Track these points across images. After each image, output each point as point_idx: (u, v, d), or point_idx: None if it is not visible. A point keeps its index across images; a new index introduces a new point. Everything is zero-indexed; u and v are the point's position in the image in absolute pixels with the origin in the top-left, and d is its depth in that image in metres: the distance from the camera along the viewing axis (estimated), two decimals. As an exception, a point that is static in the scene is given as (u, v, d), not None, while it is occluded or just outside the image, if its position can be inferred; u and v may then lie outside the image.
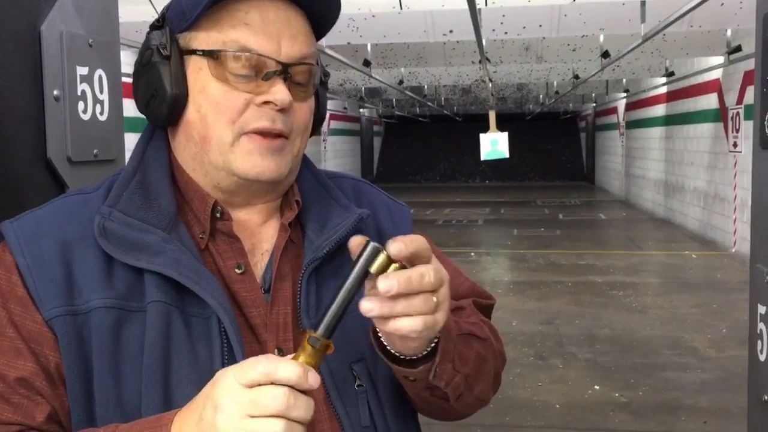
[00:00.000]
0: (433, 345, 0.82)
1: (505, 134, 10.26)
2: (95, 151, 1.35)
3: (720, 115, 10.60)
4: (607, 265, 9.19)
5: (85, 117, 1.33)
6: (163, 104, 0.86)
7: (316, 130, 0.97)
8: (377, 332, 0.82)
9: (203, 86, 0.85)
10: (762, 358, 1.25)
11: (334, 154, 20.20)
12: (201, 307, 0.82)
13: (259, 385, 0.69)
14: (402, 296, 0.72)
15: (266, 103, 0.84)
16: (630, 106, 17.74)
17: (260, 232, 0.92)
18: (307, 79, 0.88)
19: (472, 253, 10.30)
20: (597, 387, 4.81)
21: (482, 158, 10.34)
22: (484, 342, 0.92)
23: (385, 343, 0.82)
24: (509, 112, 23.09)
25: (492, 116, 10.20)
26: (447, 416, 0.96)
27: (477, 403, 0.94)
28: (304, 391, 0.70)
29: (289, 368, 0.69)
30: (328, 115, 19.04)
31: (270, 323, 0.87)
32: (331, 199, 0.95)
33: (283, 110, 0.85)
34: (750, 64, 8.51)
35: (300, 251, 0.91)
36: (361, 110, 22.78)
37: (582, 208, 16.89)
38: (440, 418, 0.97)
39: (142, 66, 0.88)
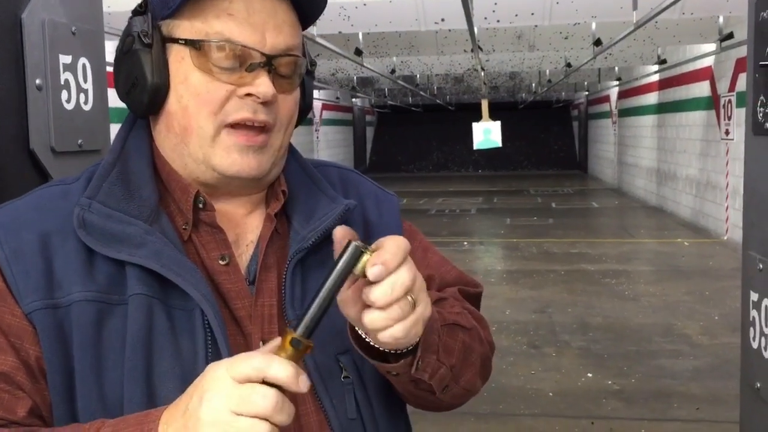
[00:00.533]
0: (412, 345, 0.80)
1: (498, 123, 10.26)
2: (80, 141, 1.33)
3: (712, 102, 10.62)
4: (600, 253, 9.21)
5: (69, 106, 1.31)
6: (143, 93, 0.84)
7: (301, 120, 0.95)
8: (355, 328, 0.81)
9: (185, 76, 0.84)
10: (754, 345, 1.25)
11: (327, 144, 20.14)
12: (184, 300, 0.81)
13: (250, 380, 0.67)
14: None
15: (249, 95, 0.83)
16: (622, 95, 17.75)
17: (245, 223, 0.91)
18: (292, 70, 0.86)
19: (465, 243, 10.30)
20: (590, 375, 4.82)
21: (475, 147, 10.34)
22: (469, 331, 0.91)
23: (366, 339, 0.81)
24: (502, 101, 23.08)
25: (485, 105, 10.19)
26: (435, 407, 0.95)
27: (465, 393, 0.93)
28: (286, 393, 0.69)
29: (282, 367, 0.68)
30: (320, 105, 18.99)
31: (255, 315, 0.86)
32: (317, 189, 0.94)
33: (266, 102, 0.84)
34: (742, 52, 8.50)
35: (285, 242, 0.90)
36: (353, 100, 22.71)
37: (575, 196, 16.91)
38: (429, 409, 0.96)
39: (123, 53, 0.86)
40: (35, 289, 0.80)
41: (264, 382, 0.68)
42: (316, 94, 18.20)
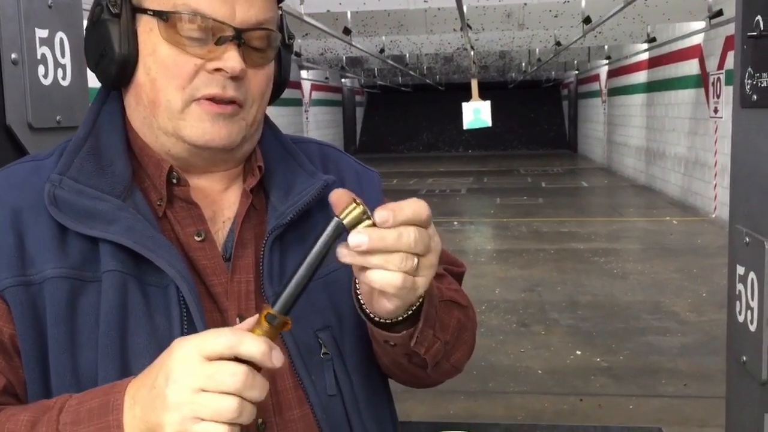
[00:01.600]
0: (413, 310, 0.79)
1: (488, 103, 10.22)
2: (58, 117, 1.30)
3: (701, 80, 10.61)
4: (589, 232, 9.24)
5: (46, 82, 1.28)
6: (111, 64, 0.83)
7: (278, 94, 0.94)
8: (358, 293, 0.79)
9: (153, 48, 0.82)
10: (740, 319, 1.25)
11: (317, 125, 20.05)
12: (159, 276, 0.80)
13: (221, 358, 0.66)
14: (378, 251, 0.69)
15: (218, 70, 0.81)
16: (612, 73, 17.72)
17: (221, 200, 0.89)
18: (264, 44, 0.84)
19: (456, 222, 10.31)
20: (579, 352, 4.85)
21: (465, 127, 10.30)
22: (464, 309, 0.91)
23: (363, 303, 0.79)
24: (492, 80, 23.00)
25: (474, 85, 10.14)
26: (419, 383, 0.94)
27: (452, 371, 0.92)
28: (260, 370, 0.67)
29: (255, 343, 0.66)
30: (309, 86, 18.87)
31: (231, 291, 0.85)
32: (296, 164, 0.92)
33: (235, 78, 0.82)
34: (731, 29, 8.49)
35: (263, 218, 0.89)
36: (342, 80, 22.59)
37: (564, 176, 16.94)
38: (412, 385, 0.95)
39: (92, 23, 0.84)
40: (7, 266, 0.78)
41: (237, 359, 0.66)
42: (304, 74, 18.09)
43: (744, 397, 1.25)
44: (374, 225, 0.69)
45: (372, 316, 0.79)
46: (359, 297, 0.80)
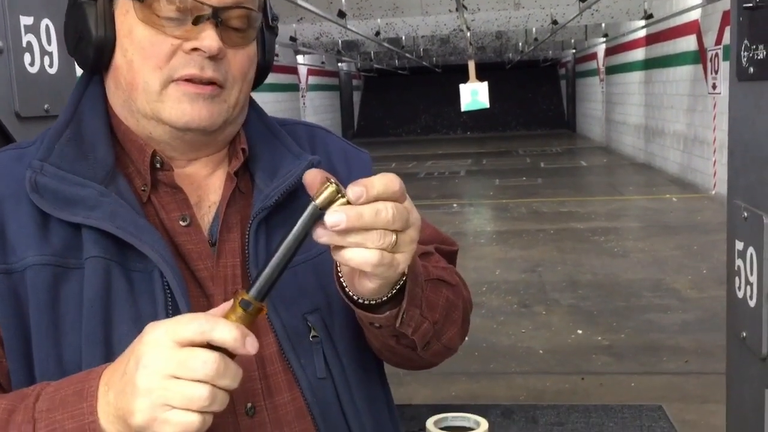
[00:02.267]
0: (396, 289, 0.78)
1: (485, 84, 10.17)
2: (46, 105, 1.29)
3: (699, 56, 10.55)
4: (589, 211, 9.23)
5: (33, 70, 1.26)
6: (89, 48, 0.82)
7: (262, 78, 0.92)
8: (340, 276, 0.78)
9: (130, 30, 0.81)
10: (740, 294, 1.24)
11: (314, 110, 19.98)
12: (143, 262, 0.79)
13: (193, 344, 0.65)
14: (356, 230, 0.68)
15: (195, 49, 0.80)
16: (609, 51, 17.63)
17: (207, 185, 0.88)
18: (244, 24, 0.83)
19: (455, 204, 10.29)
20: (580, 331, 4.86)
21: (463, 109, 10.27)
22: (453, 288, 0.89)
23: (345, 285, 0.78)
24: (489, 61, 22.89)
25: (471, 66, 10.09)
26: (413, 365, 0.93)
27: (445, 351, 0.91)
28: (234, 357, 0.66)
29: (228, 330, 0.65)
30: (306, 71, 18.78)
31: (217, 276, 0.84)
32: (282, 146, 0.91)
33: (214, 58, 0.81)
34: (728, 4, 8.43)
35: (249, 201, 0.88)
36: (339, 64, 22.47)
37: (563, 155, 16.90)
38: (406, 368, 0.94)
39: (71, 6, 0.83)
40: None
41: (209, 345, 0.65)
42: (300, 59, 17.99)
43: (744, 372, 1.25)
44: (349, 203, 0.68)
45: (356, 298, 0.78)
46: (341, 279, 0.78)
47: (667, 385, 3.96)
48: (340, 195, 0.68)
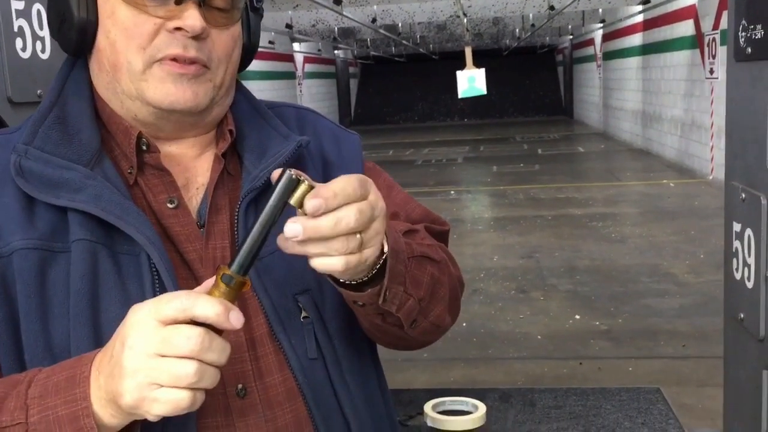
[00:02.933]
0: (378, 267, 0.77)
1: (482, 71, 10.12)
2: (39, 91, 1.28)
3: (696, 41, 10.52)
4: (586, 197, 9.23)
5: (25, 55, 1.25)
6: (71, 30, 0.82)
7: (248, 61, 0.92)
8: None
9: (112, 10, 0.81)
10: (737, 276, 1.24)
11: (311, 98, 19.92)
12: (130, 244, 0.79)
13: (176, 322, 0.65)
14: (316, 240, 0.69)
15: (178, 29, 0.79)
16: (607, 37, 17.57)
17: (194, 167, 0.88)
18: (227, 4, 0.83)
19: (452, 192, 10.29)
20: (578, 317, 4.87)
21: (460, 96, 10.22)
22: (438, 264, 0.88)
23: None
24: (486, 48, 22.79)
25: (468, 52, 10.04)
26: (405, 345, 0.93)
27: (434, 329, 0.90)
28: (221, 333, 0.66)
29: (209, 305, 0.65)
30: (302, 58, 18.70)
31: (206, 258, 0.83)
32: (269, 128, 0.91)
33: (197, 37, 0.80)
34: (726, -12, 8.39)
35: (238, 183, 0.87)
36: (335, 52, 22.38)
37: (561, 142, 16.88)
38: (399, 347, 0.94)
39: None
40: None
41: (194, 322, 0.65)
42: (297, 47, 17.91)
43: (742, 354, 1.25)
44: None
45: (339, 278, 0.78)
46: None
47: (665, 369, 3.97)
48: (305, 185, 0.68)
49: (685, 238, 6.80)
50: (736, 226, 1.23)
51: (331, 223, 0.68)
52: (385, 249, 0.77)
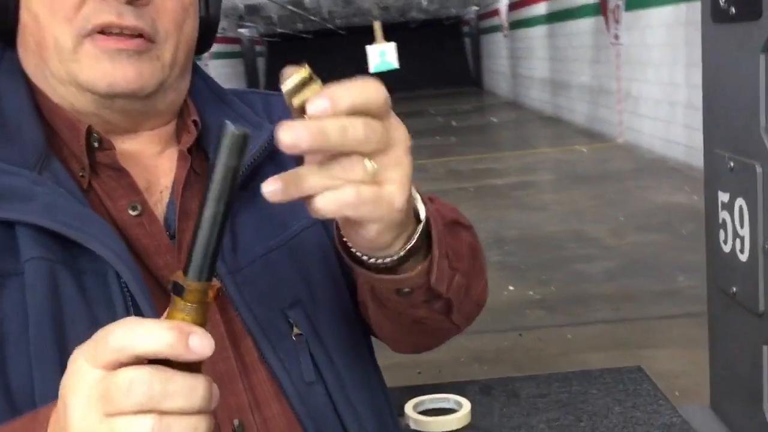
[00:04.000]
0: (412, 241, 0.62)
1: (393, 44, 10.05)
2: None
3: (599, 8, 10.76)
4: (505, 167, 9.34)
5: None
6: None
7: (209, 36, 0.78)
8: (344, 239, 0.63)
9: None
10: (726, 248, 1.19)
11: (219, 80, 19.04)
12: (94, 261, 0.64)
13: (121, 364, 0.46)
14: (317, 150, 0.52)
15: None
16: (512, 7, 17.80)
17: (156, 166, 0.74)
18: None
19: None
20: (511, 288, 4.89)
21: (371, 71, 10.12)
22: (470, 230, 0.77)
23: (350, 246, 0.62)
24: (393, 21, 22.73)
25: (377, 27, 9.94)
26: (437, 341, 0.82)
27: (476, 310, 0.79)
28: (198, 366, 0.47)
29: (154, 334, 0.45)
30: (206, 38, 18.10)
31: None
32: (236, 116, 0.78)
33: (133, 2, 0.66)
34: (628, -45, 8.59)
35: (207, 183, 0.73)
36: (240, 30, 21.77)
37: (473, 113, 17.06)
38: (430, 347, 0.83)
39: None
40: None
41: (151, 360, 0.46)
42: (200, 26, 17.30)
43: (735, 328, 1.20)
44: (311, 82, 0.53)
45: (366, 259, 0.62)
46: (345, 241, 0.62)
47: (602, 334, 4.03)
48: (314, 82, 0.52)
49: (603, 202, 6.96)
50: (723, 196, 1.18)
51: (338, 127, 0.51)
52: (421, 211, 0.63)
